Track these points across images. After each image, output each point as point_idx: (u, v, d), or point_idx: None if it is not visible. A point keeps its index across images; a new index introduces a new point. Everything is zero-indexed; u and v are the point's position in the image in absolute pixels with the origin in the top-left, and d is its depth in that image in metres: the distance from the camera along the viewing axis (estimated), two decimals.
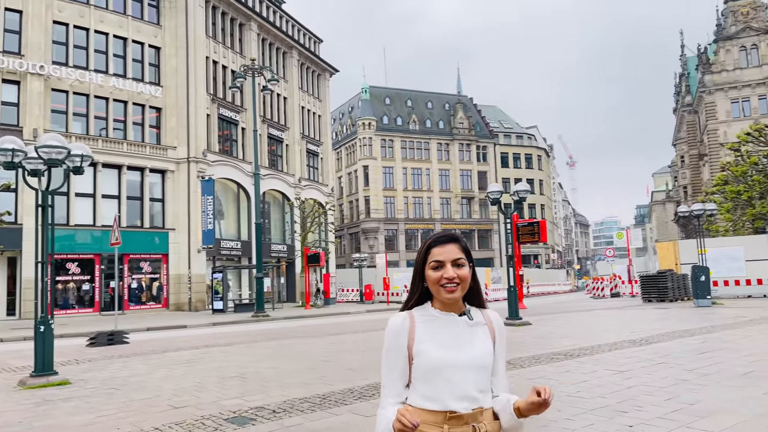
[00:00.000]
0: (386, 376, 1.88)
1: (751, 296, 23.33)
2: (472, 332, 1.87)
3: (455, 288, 1.84)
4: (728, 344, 10.25)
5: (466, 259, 1.88)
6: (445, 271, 1.84)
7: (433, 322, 1.87)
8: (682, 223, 68.79)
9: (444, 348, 1.82)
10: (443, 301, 1.87)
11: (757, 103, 53.52)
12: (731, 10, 55.05)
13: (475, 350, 1.83)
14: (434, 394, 1.81)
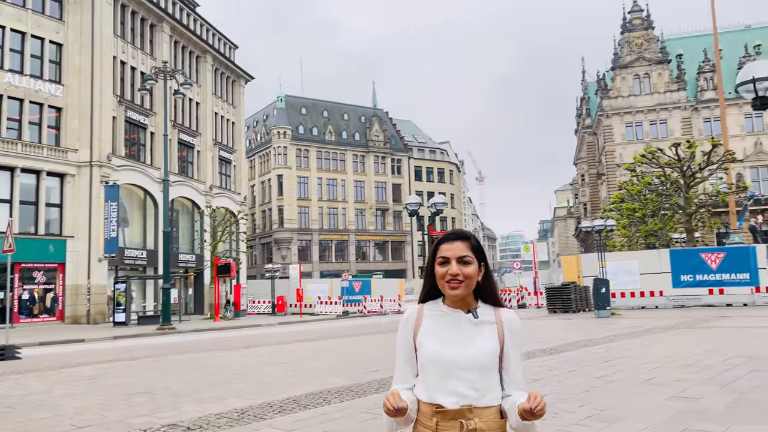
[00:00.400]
0: (397, 362, 1.99)
1: (645, 307, 24.96)
2: (477, 331, 1.90)
3: (458, 285, 1.89)
4: (630, 352, 10.86)
5: (474, 257, 1.92)
6: (449, 268, 1.90)
7: (440, 318, 1.94)
8: (582, 237, 72.86)
9: (442, 343, 1.88)
10: (448, 296, 1.93)
11: (649, 127, 57.76)
12: (627, 40, 59.24)
13: (473, 349, 1.86)
14: (427, 385, 1.89)
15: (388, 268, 68.19)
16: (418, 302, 2.05)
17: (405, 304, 40.66)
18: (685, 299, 24.73)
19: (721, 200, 31.04)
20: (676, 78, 57.38)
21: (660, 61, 57.89)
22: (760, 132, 54.50)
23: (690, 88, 57.70)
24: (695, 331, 14.83)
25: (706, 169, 28.38)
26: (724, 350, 10.75)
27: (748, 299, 24.02)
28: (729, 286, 24.28)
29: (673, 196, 28.71)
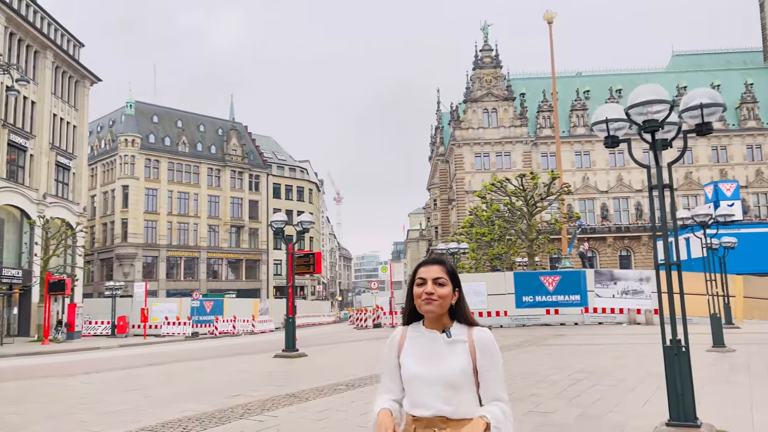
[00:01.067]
0: (383, 379, 2.24)
1: (491, 327, 26.52)
2: (450, 349, 2.11)
3: (431, 302, 2.09)
4: None
5: (449, 280, 2.14)
6: (425, 287, 2.11)
7: (418, 338, 2.16)
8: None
9: (418, 362, 2.11)
10: (423, 313, 2.15)
11: (495, 158, 62.24)
12: (478, 76, 63.63)
13: (444, 366, 2.07)
14: (409, 399, 2.12)
15: (242, 288, 66.07)
16: (401, 324, 2.28)
17: (259, 324, 39.56)
18: (525, 319, 26.69)
19: (558, 228, 34.16)
20: (519, 114, 62.55)
21: (506, 98, 62.81)
22: (587, 168, 61.03)
23: (531, 125, 63.16)
24: (539, 348, 16.00)
25: (546, 200, 31.18)
26: (566, 366, 11.69)
27: (578, 319, 26.49)
28: (563, 307, 26.63)
29: (518, 223, 31.17)
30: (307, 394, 9.02)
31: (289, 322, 15.08)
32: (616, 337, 19.10)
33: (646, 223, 58.98)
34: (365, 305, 40.34)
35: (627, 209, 60.22)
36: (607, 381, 9.71)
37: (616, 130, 6.65)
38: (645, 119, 6.09)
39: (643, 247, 58.20)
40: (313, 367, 13.02)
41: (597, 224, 58.94)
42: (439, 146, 71.51)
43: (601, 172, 60.77)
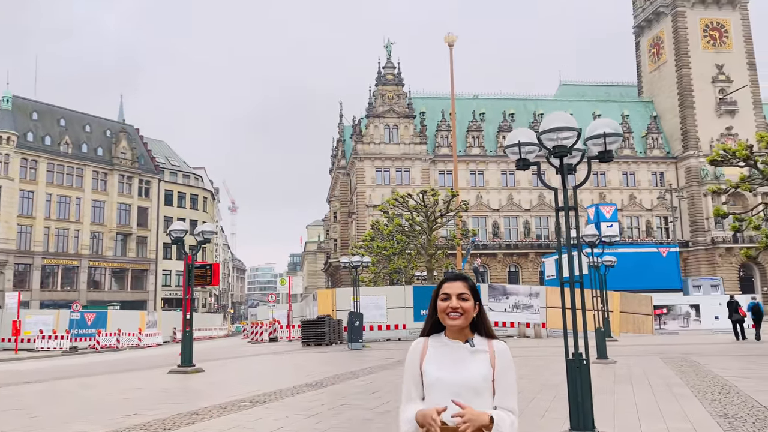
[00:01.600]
0: (404, 386, 2.35)
1: (390, 339, 26.84)
2: (472, 358, 2.26)
3: (458, 317, 2.27)
4: (391, 383, 11.49)
5: (471, 295, 2.31)
6: (450, 302, 2.29)
7: (441, 347, 2.32)
8: (331, 272, 75.99)
9: (443, 369, 2.25)
10: (448, 327, 2.31)
11: (395, 174, 63.39)
12: (380, 92, 64.69)
13: (468, 373, 2.22)
14: (433, 405, 2.18)
15: (127, 299, 62.36)
16: (420, 335, 2.43)
17: (146, 338, 37.50)
18: None
19: (456, 243, 35.30)
20: (419, 132, 64.20)
21: (407, 115, 64.29)
22: (481, 187, 63.68)
23: (430, 143, 65.01)
24: None
25: (445, 216, 32.16)
26: None
27: None
28: None
29: (418, 238, 31.89)
30: (210, 411, 8.65)
31: (187, 335, 14.43)
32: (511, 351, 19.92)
33: (533, 240, 62.38)
34: (261, 318, 39.46)
35: (516, 227, 63.38)
36: None
37: (527, 154, 6.98)
38: (555, 144, 6.46)
39: (530, 264, 61.40)
40: (213, 383, 12.52)
41: (489, 241, 61.54)
42: (340, 159, 71.74)
43: (493, 191, 63.60)
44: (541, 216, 63.56)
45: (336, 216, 73.13)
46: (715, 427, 7.09)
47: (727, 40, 65.94)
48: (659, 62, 69.13)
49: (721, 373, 12.47)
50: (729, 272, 59.09)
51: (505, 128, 65.12)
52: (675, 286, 33.95)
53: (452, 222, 36.55)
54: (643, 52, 72.35)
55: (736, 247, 59.90)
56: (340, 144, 72.00)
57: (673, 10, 66.12)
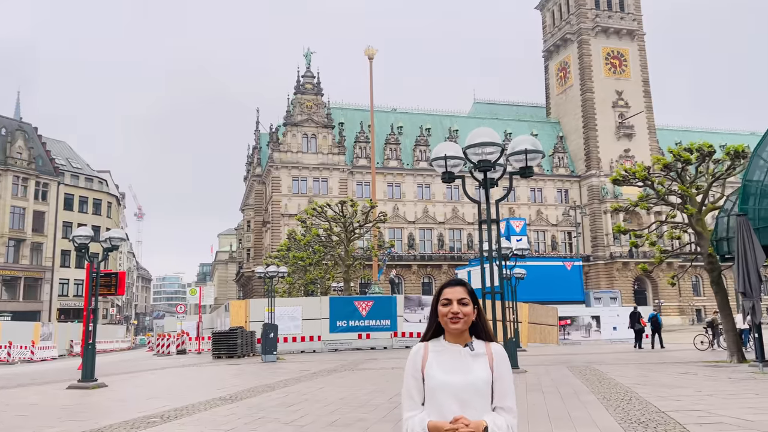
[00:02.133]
0: (406, 392, 2.41)
1: (304, 351, 26.47)
2: (473, 361, 2.35)
3: (458, 321, 2.36)
4: (307, 396, 11.31)
5: (470, 299, 2.40)
6: (451, 307, 2.37)
7: (442, 352, 2.39)
8: (243, 282, 74.17)
9: (446, 372, 2.32)
10: (449, 331, 2.39)
11: (312, 183, 63.01)
12: (299, 101, 64.26)
13: (470, 376, 2.31)
14: (436, 407, 2.30)
15: (19, 309, 57.91)
16: (421, 340, 2.48)
17: (40, 351, 34.96)
18: (338, 343, 27.09)
19: (375, 254, 35.44)
20: (337, 143, 64.24)
21: (326, 125, 64.20)
22: (397, 199, 64.51)
23: (348, 154, 65.20)
24: (355, 373, 16.30)
25: (363, 227, 32.24)
26: (386, 390, 12.05)
27: (388, 343, 27.58)
28: (375, 331, 27.55)
29: (336, 248, 31.73)
30: (117, 429, 8.15)
31: (89, 347, 13.55)
32: None
33: (446, 252, 63.82)
34: (168, 330, 37.83)
35: (431, 239, 64.64)
36: None
37: (452, 167, 7.12)
38: (480, 159, 6.62)
39: (443, 275, 62.72)
40: (119, 399, 11.82)
41: (404, 252, 62.32)
42: (256, 167, 70.41)
43: (409, 204, 64.60)
44: (454, 229, 65.17)
45: (250, 225, 71.59)
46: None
47: (626, 68, 70.76)
48: (566, 86, 73.09)
49: (621, 380, 13.19)
50: (625, 285, 62.99)
51: (422, 142, 66.47)
52: (578, 298, 35.77)
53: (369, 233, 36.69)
54: (551, 75, 76.26)
55: (631, 262, 64.07)
56: (256, 151, 70.74)
57: (579, 38, 70.21)
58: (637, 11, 72.24)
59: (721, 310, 19.32)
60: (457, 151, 7.10)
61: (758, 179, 15.82)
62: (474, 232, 65.35)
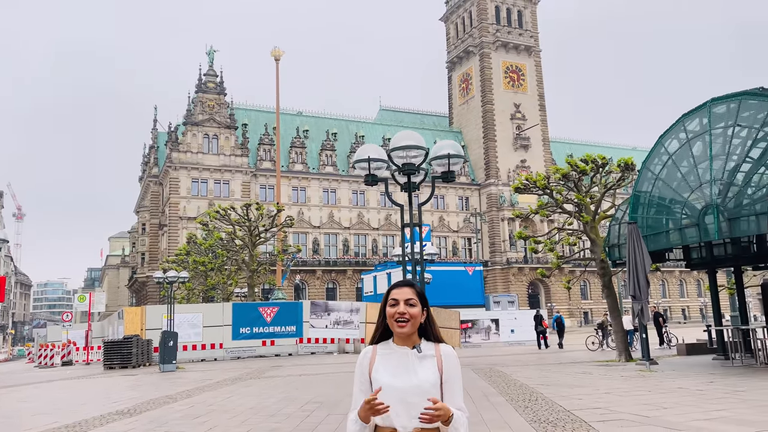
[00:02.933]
0: (355, 393, 2.39)
1: (205, 360, 25.40)
2: (420, 363, 2.32)
3: (405, 323, 2.33)
4: (215, 407, 10.78)
5: (418, 301, 2.37)
6: (398, 308, 2.35)
7: (390, 354, 2.37)
8: (136, 288, 70.30)
9: (392, 375, 2.30)
10: (396, 333, 2.37)
11: (214, 186, 60.94)
12: (201, 100, 61.99)
13: (417, 379, 2.28)
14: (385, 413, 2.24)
15: None
16: (369, 343, 2.47)
17: None
18: (241, 351, 26.24)
19: (281, 259, 34.70)
20: (240, 144, 62.55)
21: (228, 126, 62.32)
22: (302, 203, 63.80)
23: (252, 156, 63.68)
24: (262, 380, 15.80)
25: (269, 231, 31.44)
26: (296, 398, 11.74)
27: (293, 349, 27.08)
28: (279, 338, 26.95)
29: (240, 253, 30.72)
30: None
31: None
32: (333, 366, 19.97)
33: (351, 258, 63.87)
34: (51, 340, 35.05)
35: (336, 244, 64.44)
36: (339, 410, 10.00)
37: (376, 170, 7.03)
38: (404, 162, 6.57)
39: (347, 280, 62.73)
40: None
41: (308, 258, 61.67)
42: (153, 167, 67.08)
43: (314, 209, 64.08)
44: (360, 234, 65.39)
45: (145, 228, 68.07)
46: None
47: (523, 82, 74.33)
48: (468, 96, 75.63)
49: (526, 381, 13.67)
50: (520, 289, 65.92)
51: (328, 147, 66.26)
52: (479, 302, 36.92)
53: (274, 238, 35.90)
54: (454, 85, 78.64)
55: (526, 267, 67.19)
56: (154, 151, 67.45)
57: (480, 51, 72.95)
58: (534, 29, 76.14)
59: (611, 312, 20.60)
60: (381, 153, 7.03)
61: (647, 190, 17.00)
62: (379, 237, 65.90)
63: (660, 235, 16.63)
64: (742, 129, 14.76)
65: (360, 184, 66.24)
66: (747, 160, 14.58)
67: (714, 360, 18.32)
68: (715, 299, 19.68)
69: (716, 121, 15.30)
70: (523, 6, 76.08)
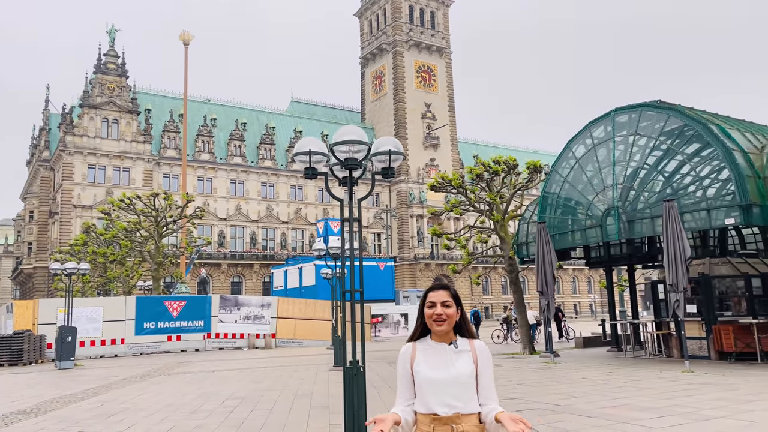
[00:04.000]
0: (398, 388, 2.64)
1: (104, 356, 24.04)
2: (457, 357, 2.58)
3: (442, 322, 2.59)
4: (128, 405, 10.29)
5: (453, 302, 2.62)
6: (435, 309, 2.60)
7: (428, 349, 2.62)
8: (21, 280, 65.21)
9: (432, 368, 2.56)
10: (435, 331, 2.61)
11: (112, 173, 57.63)
12: (100, 81, 58.32)
13: (455, 371, 2.54)
14: (425, 401, 2.54)
15: None
16: (408, 340, 2.71)
17: None
18: (144, 347, 25.09)
19: (190, 252, 33.43)
20: (143, 130, 59.53)
21: (130, 110, 59.10)
22: (208, 194, 61.75)
23: (155, 143, 60.80)
24: (172, 377, 15.22)
25: (177, 222, 30.13)
26: (214, 394, 11.44)
27: (200, 345, 26.24)
28: (186, 333, 26.02)
29: (146, 244, 29.21)
30: None
31: None
32: (245, 362, 19.58)
33: (258, 251, 62.67)
34: None
35: (243, 238, 62.94)
36: (263, 406, 9.87)
37: (316, 163, 7.00)
38: (347, 157, 6.59)
39: (254, 275, 61.49)
40: None
41: (213, 251, 59.82)
42: (43, 150, 62.31)
43: (221, 200, 62.24)
44: (268, 228, 64.26)
45: (33, 215, 63.21)
46: None
47: (434, 82, 75.98)
48: (380, 93, 76.27)
49: None
50: (427, 285, 67.46)
51: (237, 137, 64.58)
52: (389, 296, 37.46)
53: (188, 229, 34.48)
54: (367, 81, 79.01)
55: (433, 263, 68.92)
56: (45, 133, 62.70)
57: (394, 49, 73.78)
58: (446, 31, 77.97)
59: (518, 307, 21.62)
60: (321, 147, 7.02)
61: (554, 192, 17.98)
62: (288, 231, 65.09)
63: (566, 235, 17.66)
64: (641, 137, 15.96)
65: (269, 176, 65.11)
66: (644, 166, 15.80)
67: (608, 352, 19.72)
68: (611, 296, 21.19)
69: (619, 129, 16.45)
70: (436, 8, 77.71)
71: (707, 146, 14.29)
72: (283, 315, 28.26)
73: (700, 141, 14.48)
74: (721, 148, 13.84)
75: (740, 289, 16.89)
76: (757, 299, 16.43)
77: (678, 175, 15.05)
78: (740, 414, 8.12)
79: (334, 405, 10.00)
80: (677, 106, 15.52)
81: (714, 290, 16.83)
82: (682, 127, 14.93)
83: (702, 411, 8.45)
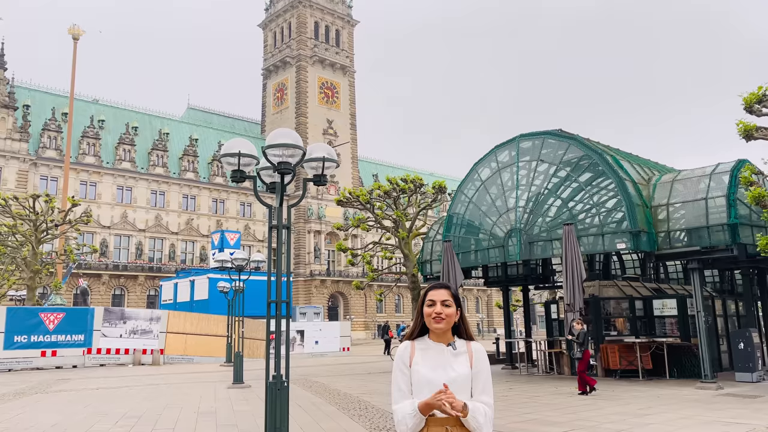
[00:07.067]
0: (396, 385, 2.57)
1: None
2: (455, 358, 2.55)
3: (441, 320, 2.55)
4: (6, 424, 9.18)
5: (453, 301, 2.60)
6: (435, 308, 2.57)
7: (427, 349, 2.59)
8: None
9: (430, 368, 2.52)
10: (433, 330, 2.58)
11: None
12: None
13: (453, 373, 2.51)
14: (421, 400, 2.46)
15: None
16: (407, 339, 2.67)
17: None
18: (14, 362, 22.70)
19: (73, 260, 30.78)
20: (20, 128, 54.70)
21: (6, 105, 54.10)
22: (92, 200, 57.64)
23: (33, 142, 56.07)
24: (52, 396, 13.83)
25: (59, 227, 27.63)
26: (106, 413, 10.50)
27: (79, 361, 24.15)
28: (63, 348, 23.86)
29: (22, 250, 26.47)
30: None
31: None
32: (133, 379, 18.25)
33: (144, 263, 59.22)
34: None
35: (128, 248, 59.22)
36: (164, 425, 9.19)
37: (245, 166, 6.69)
38: (280, 161, 6.33)
39: (138, 287, 57.97)
40: None
41: (94, 260, 55.76)
42: None
43: (106, 207, 58.30)
44: (156, 238, 60.96)
45: None
46: None
47: (337, 99, 76.27)
48: (282, 106, 75.37)
49: (348, 391, 13.87)
50: (322, 301, 66.88)
51: (127, 141, 61.06)
52: None
53: (72, 236, 31.75)
54: (269, 93, 77.83)
55: (329, 279, 68.54)
56: None
57: (298, 63, 73.38)
58: (350, 50, 78.67)
59: None
60: (251, 149, 6.72)
61: (460, 212, 18.48)
62: (177, 242, 62.11)
63: (468, 254, 18.16)
64: (542, 163, 16.81)
65: (161, 184, 61.98)
66: (544, 191, 16.65)
67: (503, 369, 20.40)
68: (507, 315, 21.98)
69: (523, 155, 17.24)
70: (341, 26, 78.36)
71: (602, 175, 15.31)
72: (174, 330, 26.74)
73: (595, 170, 15.48)
74: (615, 178, 14.87)
75: (625, 310, 18.16)
76: (639, 320, 17.73)
77: (574, 201, 16.00)
78: (639, 428, 8.61)
79: (242, 423, 9.51)
80: (576, 136, 16.52)
81: (602, 310, 17.99)
82: (581, 156, 15.89)
83: (604, 425, 8.87)
